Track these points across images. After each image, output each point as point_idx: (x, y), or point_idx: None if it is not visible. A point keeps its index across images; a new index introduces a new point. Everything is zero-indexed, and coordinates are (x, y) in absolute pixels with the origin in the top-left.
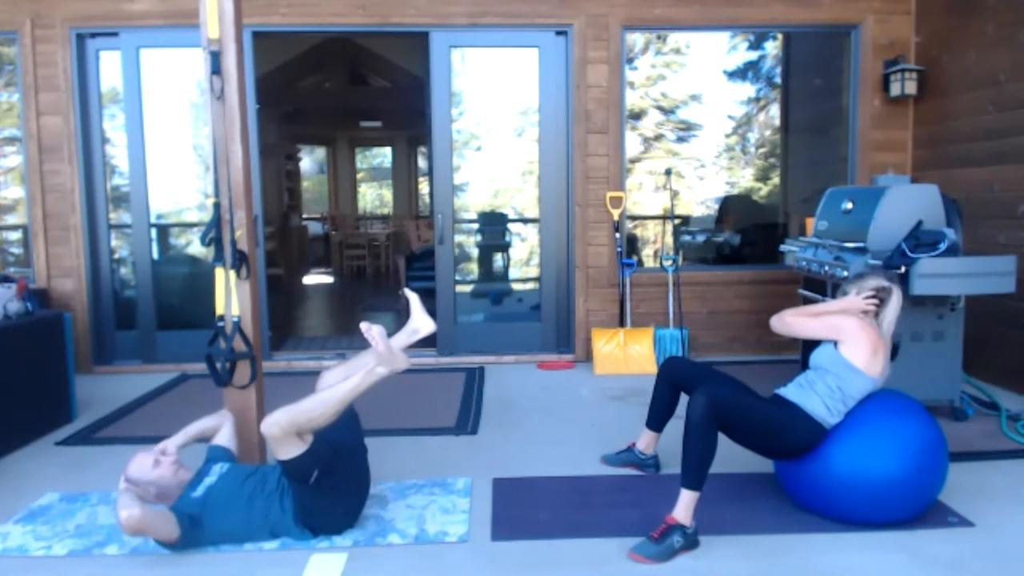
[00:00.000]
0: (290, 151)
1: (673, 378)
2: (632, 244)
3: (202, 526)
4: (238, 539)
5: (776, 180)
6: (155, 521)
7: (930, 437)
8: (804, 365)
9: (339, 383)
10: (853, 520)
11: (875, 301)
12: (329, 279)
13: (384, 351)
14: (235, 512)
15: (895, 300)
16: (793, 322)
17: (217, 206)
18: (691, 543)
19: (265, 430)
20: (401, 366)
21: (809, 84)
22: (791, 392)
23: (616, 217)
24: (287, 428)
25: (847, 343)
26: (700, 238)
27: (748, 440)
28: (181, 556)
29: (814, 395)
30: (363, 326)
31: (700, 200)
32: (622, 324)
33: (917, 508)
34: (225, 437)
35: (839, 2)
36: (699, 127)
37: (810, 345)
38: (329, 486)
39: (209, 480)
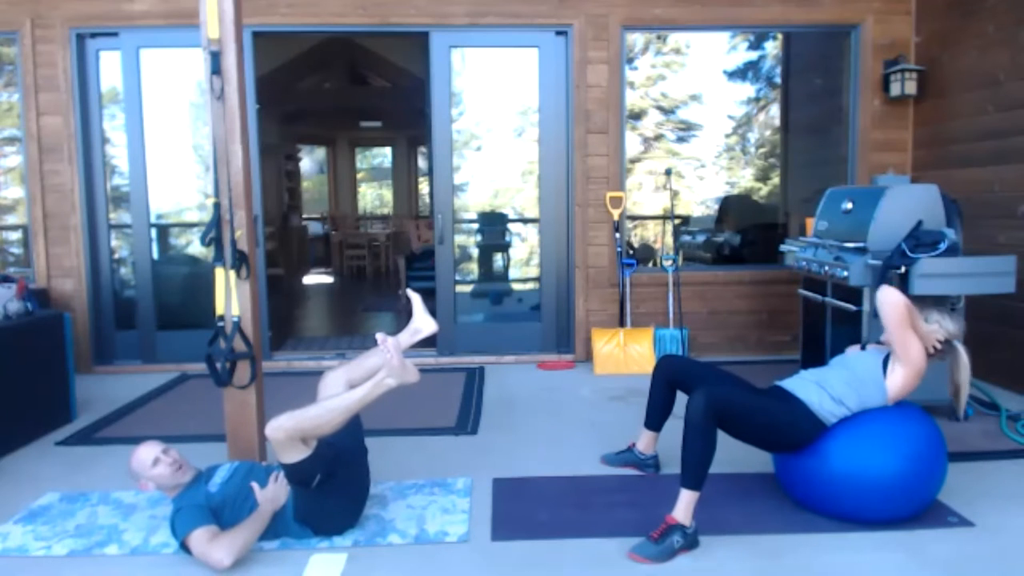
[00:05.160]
0: (290, 151)
1: (669, 377)
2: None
3: (221, 520)
4: None
5: (776, 180)
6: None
7: (929, 436)
8: (804, 365)
9: (344, 388)
10: (852, 518)
11: (939, 347)
12: (329, 279)
13: (398, 364)
14: (242, 511)
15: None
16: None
17: (217, 206)
18: (691, 543)
19: (270, 434)
20: (411, 379)
21: (809, 84)
22: (798, 388)
23: (616, 217)
24: (292, 433)
25: (903, 369)
26: (700, 238)
27: (747, 436)
28: (179, 556)
29: (826, 395)
30: (379, 336)
31: (700, 200)
32: (622, 324)
33: (916, 507)
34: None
35: (839, 2)
36: (699, 127)
37: (809, 345)
38: (330, 488)
39: (222, 474)
